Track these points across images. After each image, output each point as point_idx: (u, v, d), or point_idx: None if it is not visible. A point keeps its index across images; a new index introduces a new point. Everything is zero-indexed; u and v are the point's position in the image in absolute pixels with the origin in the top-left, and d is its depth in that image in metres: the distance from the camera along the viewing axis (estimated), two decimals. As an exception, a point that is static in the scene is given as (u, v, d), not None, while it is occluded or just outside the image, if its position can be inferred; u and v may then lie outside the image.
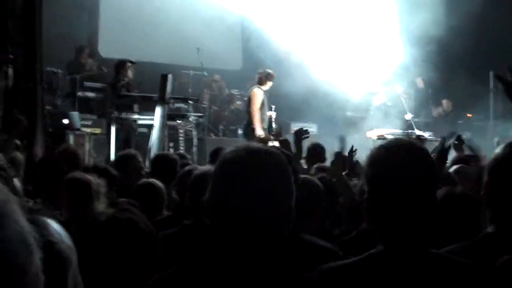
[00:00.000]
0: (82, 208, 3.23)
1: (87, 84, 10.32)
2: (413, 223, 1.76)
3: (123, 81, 9.08)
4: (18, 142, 5.84)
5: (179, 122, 9.28)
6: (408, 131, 9.81)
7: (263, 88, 9.29)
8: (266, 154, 1.57)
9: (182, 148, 8.94)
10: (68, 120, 8.64)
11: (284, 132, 9.90)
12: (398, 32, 10.97)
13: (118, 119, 8.67)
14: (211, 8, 10.78)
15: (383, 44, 11.10)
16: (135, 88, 9.40)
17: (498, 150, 1.95)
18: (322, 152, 6.21)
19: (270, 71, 9.42)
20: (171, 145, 9.31)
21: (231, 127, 12.16)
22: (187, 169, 3.88)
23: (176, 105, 10.03)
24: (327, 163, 5.25)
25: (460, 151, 4.94)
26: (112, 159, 7.38)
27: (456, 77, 11.34)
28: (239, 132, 11.15)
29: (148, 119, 8.70)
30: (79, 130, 8.73)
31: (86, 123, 9.23)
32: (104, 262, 1.91)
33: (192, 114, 9.67)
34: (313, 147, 6.26)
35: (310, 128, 11.56)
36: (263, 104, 9.23)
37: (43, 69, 7.64)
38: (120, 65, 9.17)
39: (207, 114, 11.38)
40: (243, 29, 13.00)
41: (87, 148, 8.59)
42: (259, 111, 9.13)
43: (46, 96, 8.30)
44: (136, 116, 8.87)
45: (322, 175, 4.00)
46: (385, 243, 1.77)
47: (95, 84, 10.36)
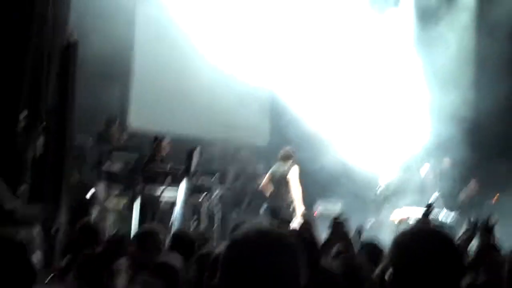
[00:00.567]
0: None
1: (115, 155, 10.46)
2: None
3: (160, 155, 9.18)
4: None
5: (202, 197, 9.31)
6: (433, 213, 9.69)
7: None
8: (275, 238, 1.59)
9: (204, 224, 8.93)
10: (93, 192, 8.74)
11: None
12: (428, 110, 11.06)
13: (143, 193, 8.70)
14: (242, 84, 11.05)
15: (412, 121, 11.18)
16: (168, 163, 9.48)
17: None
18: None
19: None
20: (193, 220, 9.29)
21: (255, 204, 12.11)
22: (206, 251, 3.93)
23: (201, 179, 10.09)
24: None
25: (487, 238, 4.88)
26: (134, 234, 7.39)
27: (485, 159, 11.30)
28: (263, 209, 11.11)
29: (172, 193, 8.72)
30: (102, 204, 8.81)
31: (110, 195, 9.26)
32: None
33: (217, 189, 9.70)
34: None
35: (334, 206, 11.57)
36: None
37: (73, 139, 7.76)
38: (159, 139, 9.27)
39: (231, 190, 11.42)
40: (273, 105, 13.25)
41: (110, 223, 8.64)
42: None
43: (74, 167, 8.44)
44: (161, 190, 8.90)
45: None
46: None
47: (123, 155, 10.49)
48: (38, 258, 3.78)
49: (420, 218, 8.87)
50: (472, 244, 4.00)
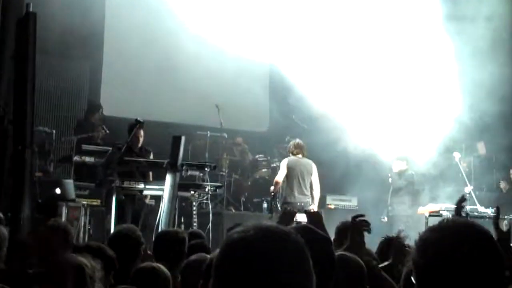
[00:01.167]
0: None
1: (85, 147, 10.37)
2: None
3: (139, 144, 9.17)
4: (1, 215, 5.81)
5: (192, 193, 9.20)
6: (467, 208, 9.62)
7: None
8: (280, 235, 1.56)
9: (195, 224, 8.84)
10: (61, 189, 8.63)
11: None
12: (458, 85, 10.98)
13: (120, 189, 8.63)
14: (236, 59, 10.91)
15: (438, 97, 11.08)
16: (149, 153, 9.43)
17: None
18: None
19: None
20: (183, 220, 9.31)
21: (255, 200, 12.09)
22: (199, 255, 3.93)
23: (189, 172, 9.98)
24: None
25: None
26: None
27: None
28: (264, 205, 11.12)
29: (156, 189, 8.64)
30: (74, 201, 8.73)
31: (82, 193, 9.21)
32: None
33: (209, 183, 9.63)
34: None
35: (349, 202, 11.56)
36: None
37: (34, 129, 7.68)
38: (139, 124, 9.16)
39: (226, 183, 11.37)
40: (273, 83, 13.14)
41: (83, 223, 8.59)
42: None
43: (36, 161, 8.38)
44: (141, 186, 8.81)
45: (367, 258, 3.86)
46: None
47: (94, 147, 10.40)
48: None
49: (452, 211, 8.85)
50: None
